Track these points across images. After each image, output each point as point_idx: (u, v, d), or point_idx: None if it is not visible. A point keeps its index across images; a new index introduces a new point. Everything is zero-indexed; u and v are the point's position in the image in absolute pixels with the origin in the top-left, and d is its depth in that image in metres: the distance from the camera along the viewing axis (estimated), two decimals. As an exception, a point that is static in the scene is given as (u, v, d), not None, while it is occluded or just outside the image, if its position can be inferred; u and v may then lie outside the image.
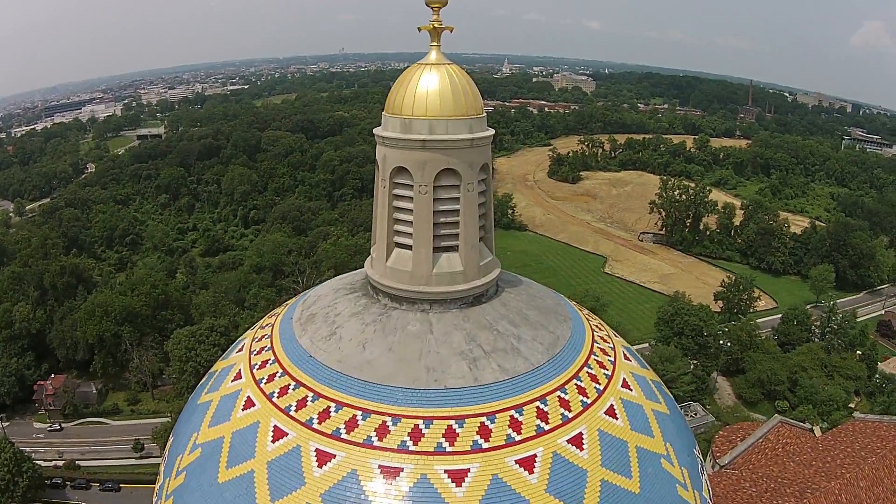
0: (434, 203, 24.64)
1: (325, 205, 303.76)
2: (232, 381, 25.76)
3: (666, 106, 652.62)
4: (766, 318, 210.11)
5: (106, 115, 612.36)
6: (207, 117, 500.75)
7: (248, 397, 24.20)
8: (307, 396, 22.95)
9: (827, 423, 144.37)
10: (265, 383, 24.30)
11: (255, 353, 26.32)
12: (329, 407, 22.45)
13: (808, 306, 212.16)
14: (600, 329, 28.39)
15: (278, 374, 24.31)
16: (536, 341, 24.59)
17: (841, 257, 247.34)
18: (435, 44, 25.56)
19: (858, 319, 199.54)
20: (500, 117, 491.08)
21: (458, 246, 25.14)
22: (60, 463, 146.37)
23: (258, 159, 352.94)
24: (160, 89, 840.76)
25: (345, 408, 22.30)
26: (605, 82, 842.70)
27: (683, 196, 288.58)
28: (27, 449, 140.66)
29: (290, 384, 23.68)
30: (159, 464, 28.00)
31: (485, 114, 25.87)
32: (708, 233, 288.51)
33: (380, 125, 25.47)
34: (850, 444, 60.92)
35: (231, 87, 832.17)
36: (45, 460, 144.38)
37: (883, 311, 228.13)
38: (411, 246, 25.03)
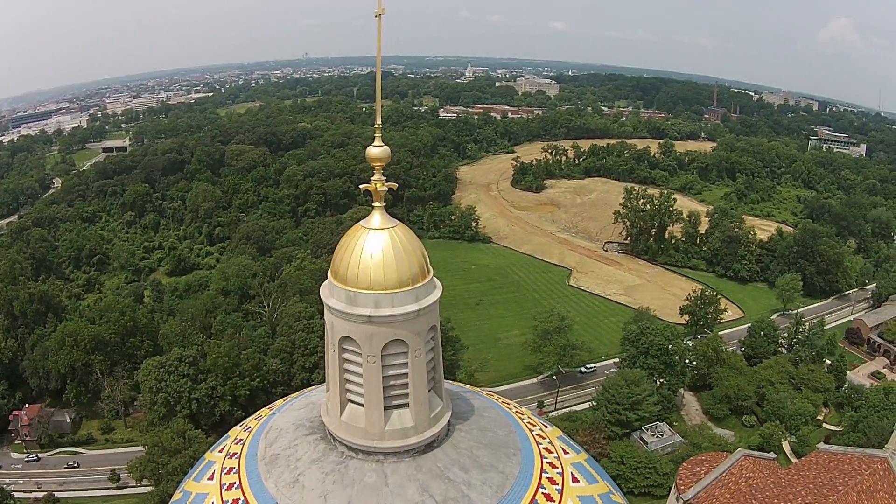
0: (383, 369, 25.29)
1: (290, 223, 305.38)
2: None
3: (630, 108, 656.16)
4: (734, 329, 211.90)
5: (72, 126, 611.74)
6: (171, 128, 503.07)
7: None
8: None
9: (795, 438, 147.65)
10: None
11: (225, 487, 26.92)
12: None
13: (774, 315, 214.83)
14: (549, 452, 29.07)
15: None
16: (486, 485, 25.28)
17: (808, 264, 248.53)
18: (378, 205, 25.83)
19: (826, 327, 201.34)
20: (462, 125, 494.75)
21: (408, 403, 25.98)
22: (40, 495, 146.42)
23: (222, 174, 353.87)
24: (125, 98, 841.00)
25: None
26: (569, 85, 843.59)
27: (648, 206, 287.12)
28: (7, 480, 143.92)
29: None
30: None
31: (431, 272, 26.23)
32: (673, 242, 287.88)
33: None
34: (813, 479, 62.30)
35: (195, 95, 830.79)
36: (24, 492, 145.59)
37: (852, 318, 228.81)
38: (363, 404, 25.83)
